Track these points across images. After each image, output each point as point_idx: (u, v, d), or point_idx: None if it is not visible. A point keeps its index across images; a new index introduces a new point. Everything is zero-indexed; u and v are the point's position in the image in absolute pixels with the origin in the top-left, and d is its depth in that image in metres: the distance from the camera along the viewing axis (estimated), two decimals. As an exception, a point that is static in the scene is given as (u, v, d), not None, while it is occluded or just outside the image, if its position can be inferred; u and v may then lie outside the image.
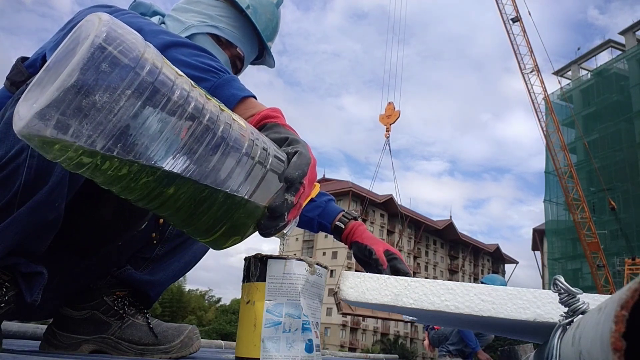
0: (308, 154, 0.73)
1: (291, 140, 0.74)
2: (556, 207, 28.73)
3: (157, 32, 0.86)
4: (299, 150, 0.72)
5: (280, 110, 0.83)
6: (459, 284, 0.77)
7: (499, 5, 24.04)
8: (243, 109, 0.81)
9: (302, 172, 0.70)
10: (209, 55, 0.86)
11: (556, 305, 0.70)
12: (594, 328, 0.31)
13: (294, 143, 0.74)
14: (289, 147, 0.73)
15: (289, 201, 0.69)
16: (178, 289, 36.74)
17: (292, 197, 0.70)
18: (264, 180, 0.68)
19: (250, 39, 1.27)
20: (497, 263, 70.54)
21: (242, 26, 1.24)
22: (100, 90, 0.51)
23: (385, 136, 24.08)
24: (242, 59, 1.27)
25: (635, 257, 21.65)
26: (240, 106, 0.82)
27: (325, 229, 1.35)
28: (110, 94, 0.52)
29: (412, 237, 58.71)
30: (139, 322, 1.13)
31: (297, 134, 0.78)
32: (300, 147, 0.73)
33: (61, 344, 1.10)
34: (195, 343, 1.15)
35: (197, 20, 1.20)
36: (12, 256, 0.86)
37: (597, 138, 26.77)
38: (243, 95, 0.82)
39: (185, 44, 0.86)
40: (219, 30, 1.20)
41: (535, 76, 23.98)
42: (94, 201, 1.02)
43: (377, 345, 42.68)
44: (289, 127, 0.80)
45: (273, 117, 0.80)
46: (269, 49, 1.33)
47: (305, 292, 0.75)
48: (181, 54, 0.83)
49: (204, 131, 0.60)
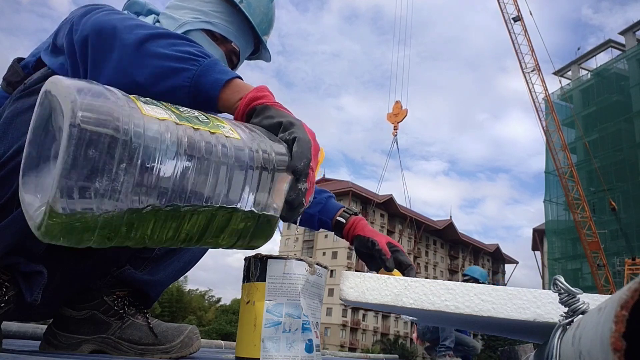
0: (306, 135, 0.73)
1: (285, 124, 0.74)
2: (556, 207, 28.72)
3: (132, 27, 0.84)
4: (297, 136, 0.72)
5: (266, 87, 0.82)
6: (459, 284, 0.77)
7: (500, 5, 24.05)
8: (229, 94, 0.80)
9: (307, 160, 0.71)
10: (187, 42, 0.84)
11: (556, 305, 0.70)
12: (594, 328, 0.31)
13: (290, 127, 0.73)
14: (285, 133, 0.73)
15: (303, 190, 0.72)
16: (178, 289, 36.74)
17: (304, 185, 0.72)
18: (274, 181, 0.70)
19: (245, 33, 1.26)
20: (497, 263, 70.52)
21: (236, 21, 1.23)
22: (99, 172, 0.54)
23: (393, 134, 24.12)
24: (238, 53, 1.26)
25: (635, 257, 21.63)
26: (225, 91, 0.80)
27: (326, 225, 1.35)
28: (109, 170, 0.54)
29: (412, 237, 58.71)
30: (139, 322, 1.13)
31: (288, 112, 0.78)
32: (296, 130, 0.73)
33: (61, 344, 1.10)
34: (195, 343, 1.15)
35: (190, 16, 1.19)
36: (11, 255, 0.87)
37: (597, 138, 26.75)
38: (226, 78, 0.80)
39: (161, 34, 0.84)
40: (213, 25, 1.20)
41: (536, 75, 24.00)
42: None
43: (377, 345, 42.68)
44: (279, 105, 0.79)
45: (260, 98, 0.78)
46: (265, 42, 1.32)
47: (305, 292, 0.75)
48: (158, 46, 0.81)
49: (204, 165, 0.62)
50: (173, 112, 0.63)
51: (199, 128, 0.63)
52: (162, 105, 0.65)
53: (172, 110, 0.64)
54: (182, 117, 0.64)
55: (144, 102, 0.62)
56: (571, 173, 22.86)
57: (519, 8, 24.04)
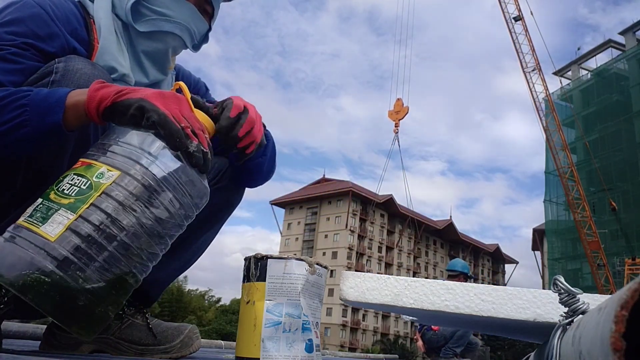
0: (154, 106, 0.73)
1: (135, 114, 0.73)
2: (556, 207, 28.71)
3: None
4: (153, 120, 0.72)
5: (99, 80, 0.78)
6: (459, 284, 0.77)
7: (501, 5, 24.05)
8: (73, 112, 0.77)
9: (172, 131, 0.73)
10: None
11: (556, 305, 0.70)
12: (594, 328, 0.31)
13: (142, 112, 0.73)
14: (144, 121, 0.73)
15: (194, 149, 0.75)
16: (178, 289, 36.75)
17: (192, 146, 0.75)
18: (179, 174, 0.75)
19: None
20: (497, 263, 70.52)
21: None
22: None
23: (394, 131, 24.13)
24: (210, 3, 1.11)
25: (635, 257, 21.63)
26: (69, 112, 0.76)
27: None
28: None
29: (412, 237, 58.70)
30: (138, 322, 1.13)
31: (134, 91, 0.76)
32: (154, 115, 0.73)
33: (61, 344, 1.10)
34: (195, 343, 1.15)
35: None
36: None
37: (597, 138, 26.75)
38: (63, 102, 0.76)
39: None
40: None
41: (537, 75, 24.00)
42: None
43: (377, 345, 42.66)
44: (120, 88, 0.76)
45: (104, 97, 0.75)
46: None
47: (305, 292, 0.75)
48: None
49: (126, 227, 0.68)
50: (62, 205, 0.67)
51: (91, 201, 0.67)
52: (49, 200, 0.69)
53: (59, 200, 0.68)
54: (71, 201, 0.68)
55: (42, 218, 0.66)
56: (571, 173, 22.86)
57: (519, 8, 24.04)
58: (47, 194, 0.69)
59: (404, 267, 57.22)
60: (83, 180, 0.69)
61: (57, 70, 0.86)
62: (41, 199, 0.69)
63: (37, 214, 0.66)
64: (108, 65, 0.96)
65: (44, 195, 0.69)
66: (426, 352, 5.05)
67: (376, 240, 55.58)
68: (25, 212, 0.68)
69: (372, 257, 54.46)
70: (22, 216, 0.68)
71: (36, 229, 0.64)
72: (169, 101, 0.76)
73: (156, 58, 1.07)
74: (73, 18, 0.97)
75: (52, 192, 0.69)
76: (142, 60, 1.05)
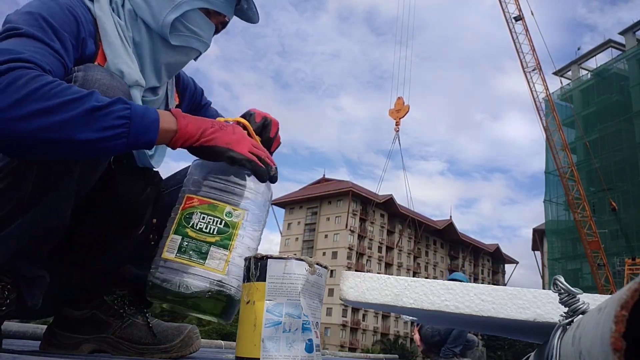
0: (251, 161, 0.93)
1: (234, 160, 0.92)
2: (556, 207, 28.70)
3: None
4: (247, 166, 0.93)
5: (168, 113, 0.89)
6: (459, 284, 0.77)
7: (501, 4, 24.05)
8: (162, 136, 0.87)
9: (267, 169, 0.95)
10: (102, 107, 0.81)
11: (556, 305, 0.70)
12: (594, 328, 0.31)
13: (240, 162, 0.93)
14: (239, 163, 0.92)
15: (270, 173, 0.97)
16: (178, 289, 36.64)
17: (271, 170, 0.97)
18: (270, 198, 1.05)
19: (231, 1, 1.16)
20: (497, 263, 70.51)
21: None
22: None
23: (395, 130, 24.14)
24: (226, 24, 1.19)
25: (635, 257, 21.62)
26: (159, 135, 0.86)
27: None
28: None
29: (412, 237, 58.69)
30: (139, 321, 1.13)
31: (216, 131, 0.91)
32: (245, 162, 0.92)
33: (61, 344, 1.10)
34: (195, 342, 1.15)
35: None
36: (14, 259, 0.86)
37: (597, 138, 26.74)
38: (158, 124, 0.85)
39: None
40: (210, 3, 1.11)
41: (537, 75, 23.99)
42: (93, 213, 1.01)
43: (377, 345, 42.66)
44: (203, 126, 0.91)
45: (192, 136, 0.89)
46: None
47: (305, 292, 0.75)
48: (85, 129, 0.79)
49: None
50: (212, 244, 0.91)
51: (235, 239, 0.93)
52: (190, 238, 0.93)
53: (204, 238, 0.92)
54: (217, 239, 0.91)
55: (199, 255, 0.91)
56: (572, 173, 22.85)
57: (520, 7, 24.04)
58: (182, 232, 0.92)
59: (404, 267, 57.22)
60: (216, 219, 0.92)
61: (77, 79, 0.88)
62: (178, 236, 0.92)
63: (189, 250, 0.90)
64: (119, 69, 0.97)
65: (178, 232, 0.92)
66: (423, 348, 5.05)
67: (376, 240, 55.58)
68: (165, 247, 0.93)
69: (372, 257, 54.47)
70: (167, 251, 0.92)
71: (202, 267, 0.90)
72: (245, 142, 0.95)
73: (174, 68, 1.13)
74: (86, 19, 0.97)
75: (186, 229, 0.92)
76: (161, 68, 1.09)
